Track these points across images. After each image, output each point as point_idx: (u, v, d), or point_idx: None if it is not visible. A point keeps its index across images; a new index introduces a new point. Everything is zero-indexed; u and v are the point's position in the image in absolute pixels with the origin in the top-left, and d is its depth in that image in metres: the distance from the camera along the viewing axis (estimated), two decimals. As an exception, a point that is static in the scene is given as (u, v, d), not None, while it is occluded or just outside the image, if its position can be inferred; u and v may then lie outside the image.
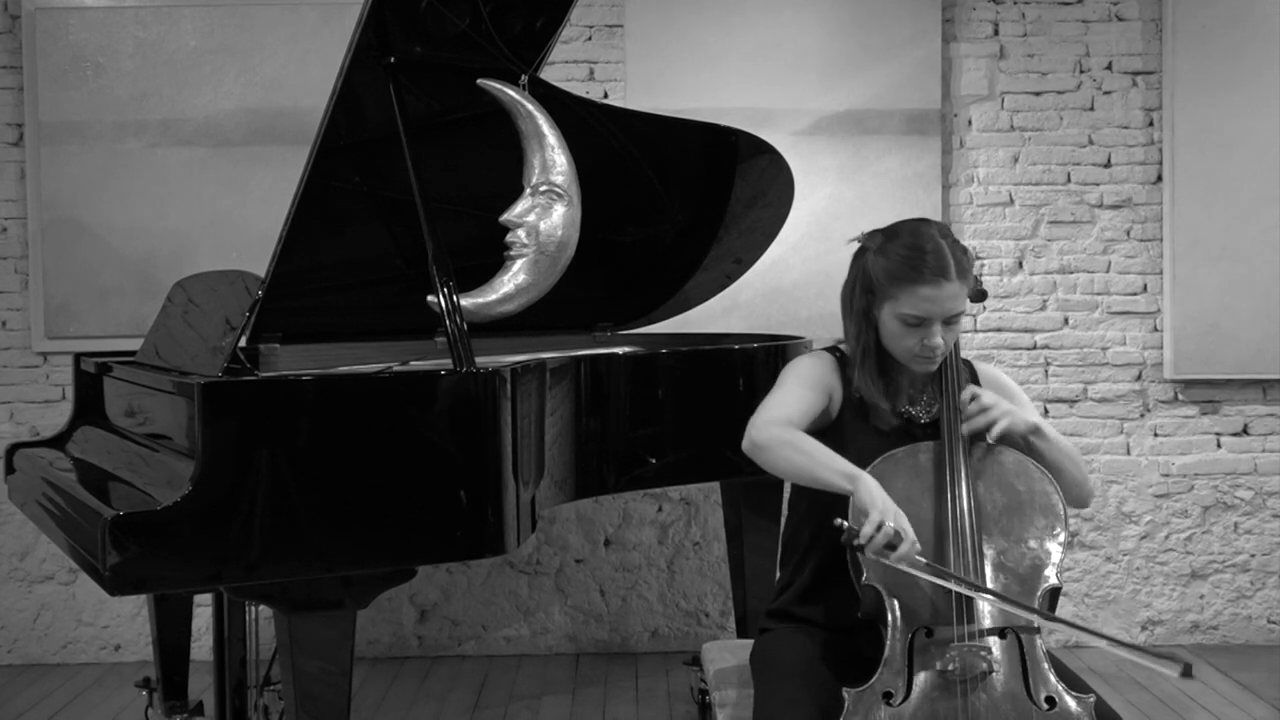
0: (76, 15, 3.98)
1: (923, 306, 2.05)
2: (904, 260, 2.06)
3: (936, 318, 2.06)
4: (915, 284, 2.04)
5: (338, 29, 3.89)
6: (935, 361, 2.12)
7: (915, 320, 2.07)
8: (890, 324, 2.10)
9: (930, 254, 2.04)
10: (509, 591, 4.19)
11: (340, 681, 2.26)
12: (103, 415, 2.99)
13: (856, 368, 2.16)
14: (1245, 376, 4.14)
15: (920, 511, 2.01)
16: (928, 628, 1.93)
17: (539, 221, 2.75)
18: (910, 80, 4.07)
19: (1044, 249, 4.17)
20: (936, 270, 2.03)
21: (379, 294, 3.15)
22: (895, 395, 2.18)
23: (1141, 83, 4.14)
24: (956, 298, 2.06)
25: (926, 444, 2.10)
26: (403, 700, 3.76)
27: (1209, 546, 4.19)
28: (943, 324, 2.07)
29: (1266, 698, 3.64)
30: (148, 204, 4.00)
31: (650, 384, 2.93)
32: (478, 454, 2.28)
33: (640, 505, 4.20)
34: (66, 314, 4.02)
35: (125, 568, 2.04)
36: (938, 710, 1.87)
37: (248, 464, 2.13)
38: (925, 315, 2.06)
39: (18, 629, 4.13)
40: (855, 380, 2.16)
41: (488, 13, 2.70)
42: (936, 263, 2.04)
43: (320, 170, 2.63)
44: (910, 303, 2.06)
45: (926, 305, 2.05)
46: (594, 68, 4.12)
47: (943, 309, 2.05)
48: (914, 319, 2.07)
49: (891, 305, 2.08)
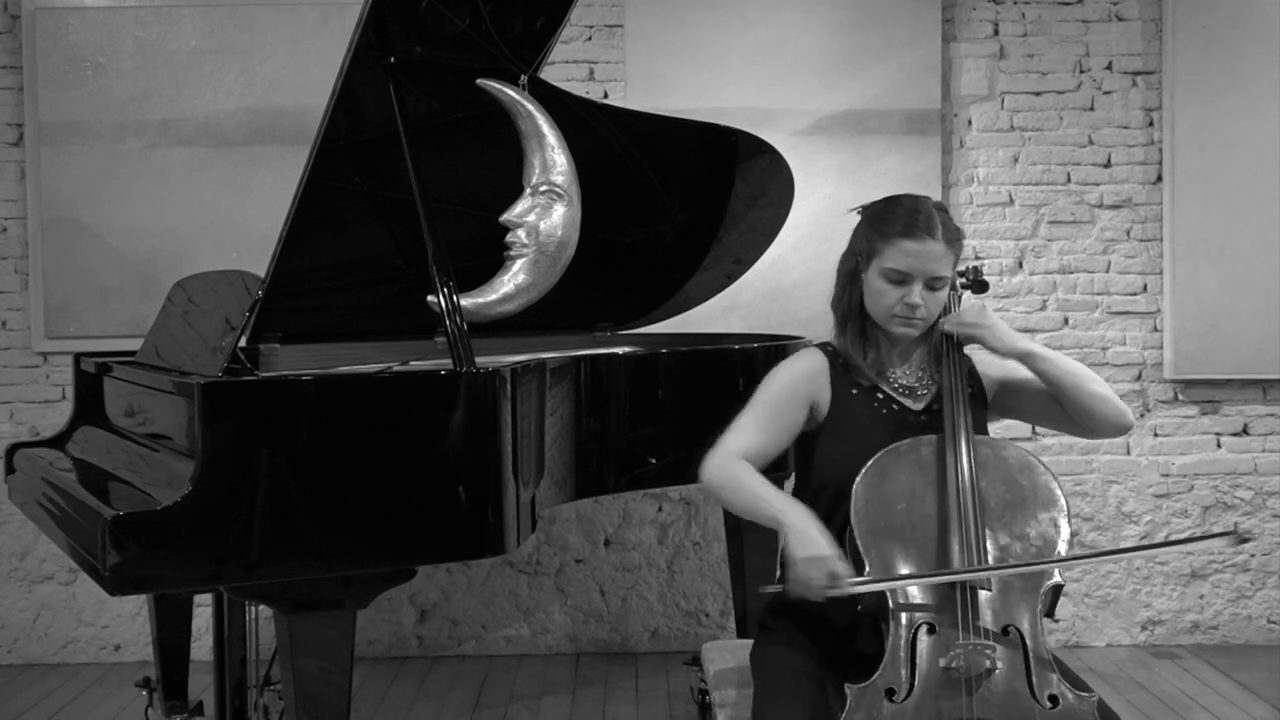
0: (76, 15, 3.98)
1: (906, 261, 2.10)
2: (894, 217, 2.13)
3: (918, 275, 2.10)
4: (901, 237, 2.10)
5: (338, 29, 3.89)
6: (914, 325, 2.14)
7: (898, 276, 2.11)
8: (875, 282, 2.14)
9: (921, 214, 2.12)
10: (509, 591, 4.19)
11: (340, 681, 2.26)
12: (103, 415, 2.99)
13: (837, 329, 2.23)
14: (1245, 376, 4.14)
15: (923, 505, 2.02)
16: (930, 624, 1.93)
17: (539, 221, 2.75)
18: (910, 80, 4.07)
19: (1044, 249, 4.17)
20: (924, 227, 2.10)
21: (379, 294, 3.15)
22: (878, 361, 2.20)
23: (1141, 83, 4.14)
24: (941, 259, 2.10)
25: (929, 437, 2.10)
26: (403, 700, 3.76)
27: (1209, 546, 4.19)
28: (926, 288, 2.11)
29: (1266, 698, 3.64)
30: (148, 204, 4.00)
31: (650, 384, 2.93)
32: (478, 454, 2.28)
33: (640, 505, 4.20)
34: (66, 314, 4.02)
35: (125, 568, 2.04)
36: (941, 707, 1.86)
37: (248, 464, 2.13)
38: (908, 270, 2.10)
39: (18, 629, 4.13)
40: (836, 343, 2.22)
41: (488, 13, 2.70)
42: (925, 221, 2.11)
43: (320, 170, 2.63)
44: (894, 256, 2.10)
45: (909, 260, 2.10)
46: (594, 68, 4.12)
47: (925, 267, 2.10)
48: (897, 274, 2.11)
49: (877, 262, 2.13)
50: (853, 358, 2.20)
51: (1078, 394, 2.13)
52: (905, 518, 2.02)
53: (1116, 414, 2.15)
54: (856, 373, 2.19)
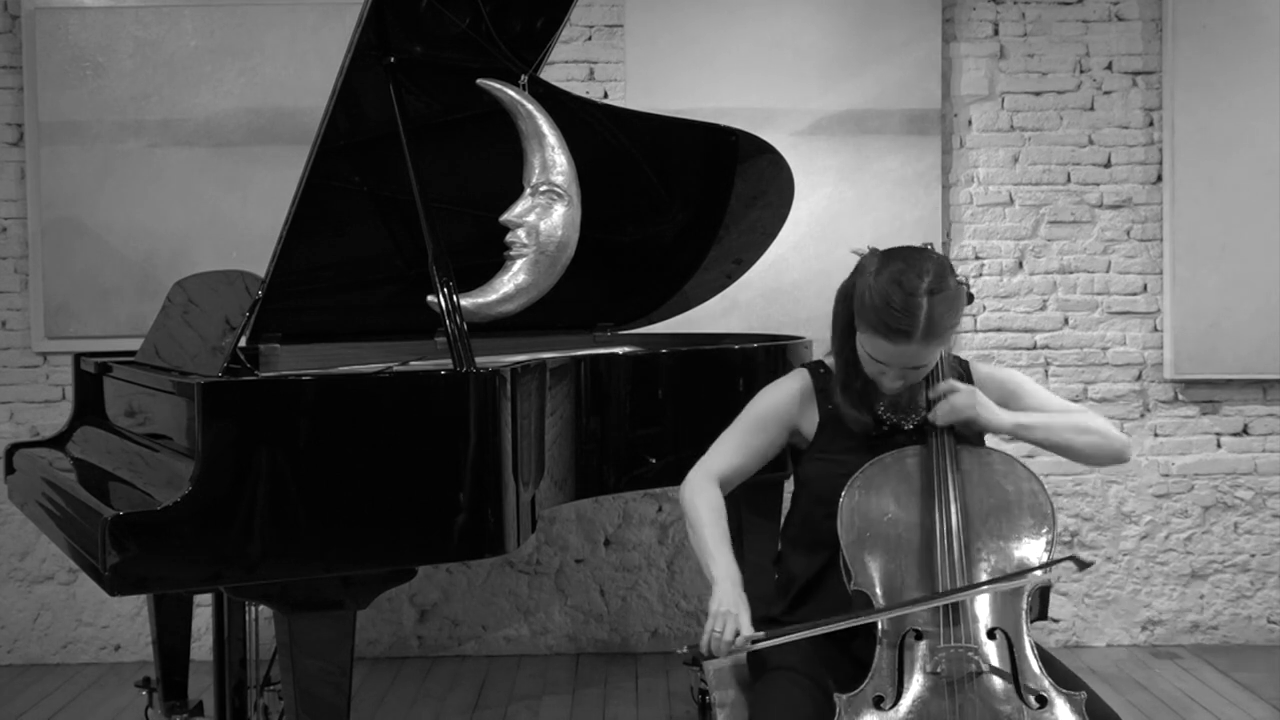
0: (76, 15, 3.98)
1: (880, 353, 2.07)
2: (875, 306, 2.02)
3: (895, 365, 2.08)
4: (876, 334, 2.04)
5: (338, 29, 3.89)
6: (899, 389, 2.13)
7: (879, 360, 2.09)
8: (862, 349, 2.12)
9: (900, 311, 2.00)
10: (509, 591, 4.19)
11: (340, 681, 2.26)
12: (103, 415, 2.99)
13: (835, 378, 2.19)
14: (1245, 376, 4.14)
15: (908, 516, 2.03)
16: (917, 630, 1.94)
17: (539, 221, 2.75)
18: (910, 80, 4.07)
19: (1044, 249, 4.17)
20: (900, 331, 2.01)
21: (379, 294, 3.15)
22: (874, 403, 2.19)
23: (1141, 83, 4.14)
24: (918, 356, 2.05)
25: (913, 448, 2.11)
26: (403, 700, 3.76)
27: (1209, 546, 4.19)
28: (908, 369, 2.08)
29: (1266, 698, 3.64)
30: (148, 204, 4.00)
31: (650, 384, 2.93)
32: (478, 454, 2.28)
33: (640, 505, 4.20)
34: (66, 314, 4.02)
35: (125, 568, 2.04)
36: (929, 712, 1.87)
37: (248, 464, 2.13)
38: (884, 360, 2.08)
39: (18, 629, 4.13)
40: (833, 394, 2.19)
41: (488, 13, 2.70)
42: (903, 323, 2.00)
43: (320, 170, 2.63)
44: (872, 345, 2.07)
45: (884, 355, 2.07)
46: (594, 68, 4.12)
47: (902, 361, 2.06)
48: (874, 360, 2.09)
49: (862, 336, 2.10)
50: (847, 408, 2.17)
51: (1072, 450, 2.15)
52: (891, 528, 2.04)
53: (1113, 455, 2.18)
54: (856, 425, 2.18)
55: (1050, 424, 2.14)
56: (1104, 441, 2.15)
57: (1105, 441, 2.15)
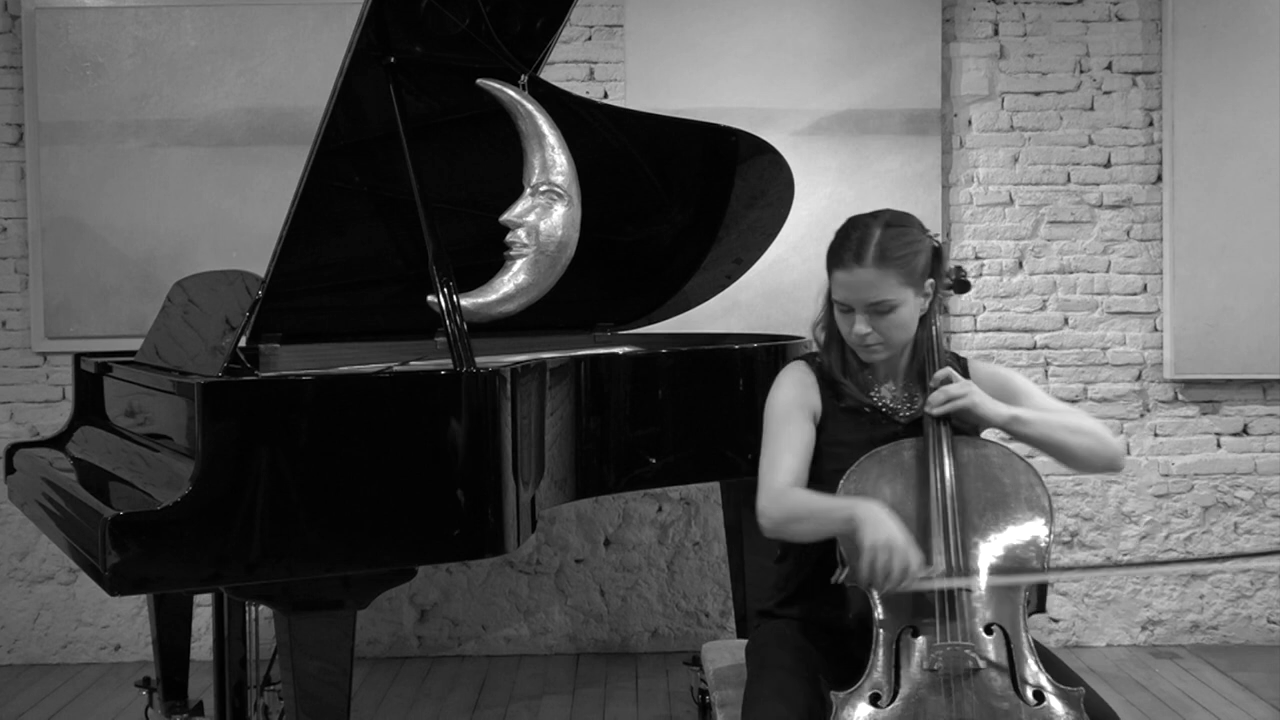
0: (76, 15, 3.98)
1: (840, 291, 2.08)
2: (832, 246, 2.10)
3: (856, 304, 2.07)
4: (834, 267, 2.09)
5: (338, 29, 3.89)
6: (874, 352, 2.12)
7: (843, 306, 2.09)
8: (836, 308, 2.14)
9: (853, 239, 2.06)
10: (509, 591, 4.19)
11: (340, 681, 2.26)
12: (103, 415, 2.99)
13: (821, 351, 2.21)
14: (1245, 376, 4.14)
15: (905, 508, 2.02)
16: (913, 627, 1.93)
17: (539, 221, 2.75)
18: (910, 80, 4.07)
19: (1044, 249, 4.17)
20: (853, 256, 2.05)
21: (379, 294, 3.15)
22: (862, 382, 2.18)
23: (1141, 83, 4.14)
24: (874, 285, 2.04)
25: (910, 440, 2.10)
26: (403, 700, 3.76)
27: (1209, 546, 4.19)
28: (872, 313, 2.07)
29: (1266, 698, 3.64)
30: (148, 204, 4.00)
31: (650, 384, 2.93)
32: (477, 454, 2.28)
33: (640, 505, 4.20)
34: (66, 314, 4.02)
35: (125, 568, 2.04)
36: (926, 709, 1.86)
37: (248, 464, 2.13)
38: (845, 300, 2.08)
39: (18, 629, 4.13)
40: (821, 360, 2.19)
41: (488, 13, 2.70)
42: (855, 248, 2.05)
43: (320, 170, 2.63)
44: (834, 286, 2.10)
45: (843, 290, 2.08)
46: (594, 68, 4.12)
47: (859, 295, 2.06)
48: (841, 305, 2.10)
49: (830, 287, 2.13)
50: (838, 378, 2.17)
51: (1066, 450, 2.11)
52: None
53: (1107, 462, 2.15)
54: (842, 388, 2.18)
55: (1046, 421, 2.13)
56: (1099, 445, 2.13)
57: (1100, 445, 2.13)
